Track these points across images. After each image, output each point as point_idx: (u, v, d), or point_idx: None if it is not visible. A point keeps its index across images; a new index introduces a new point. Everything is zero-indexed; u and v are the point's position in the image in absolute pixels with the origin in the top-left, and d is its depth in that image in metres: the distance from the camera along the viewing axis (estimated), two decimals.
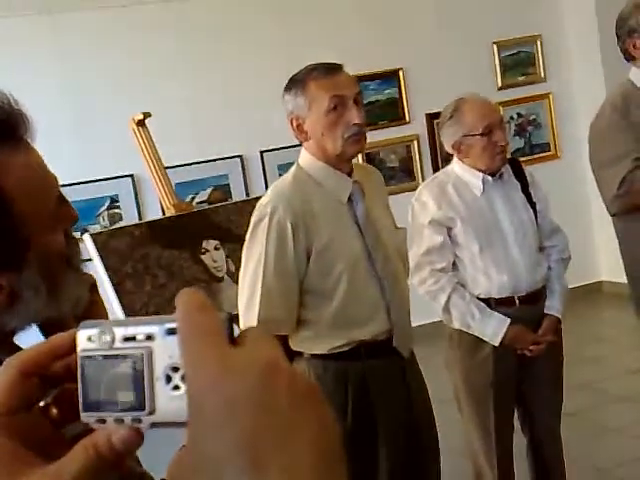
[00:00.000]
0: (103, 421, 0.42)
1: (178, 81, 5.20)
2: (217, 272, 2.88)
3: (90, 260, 2.67)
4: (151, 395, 0.41)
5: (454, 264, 2.59)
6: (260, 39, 5.34)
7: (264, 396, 0.37)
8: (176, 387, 0.40)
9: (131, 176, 5.13)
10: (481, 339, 2.52)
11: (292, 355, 2.08)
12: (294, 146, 5.13)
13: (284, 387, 0.37)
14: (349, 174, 2.07)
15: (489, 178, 2.57)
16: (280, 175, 5.24)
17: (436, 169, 5.73)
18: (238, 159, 5.35)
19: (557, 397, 2.70)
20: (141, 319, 0.43)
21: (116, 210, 5.17)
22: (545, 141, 6.08)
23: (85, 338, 0.43)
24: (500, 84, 5.90)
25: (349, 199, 2.06)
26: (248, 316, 1.99)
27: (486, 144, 2.51)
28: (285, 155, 5.27)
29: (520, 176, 2.66)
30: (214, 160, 5.26)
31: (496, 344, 2.50)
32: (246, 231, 1.97)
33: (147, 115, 2.88)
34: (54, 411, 0.45)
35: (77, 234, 5.03)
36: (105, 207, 5.15)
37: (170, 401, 0.40)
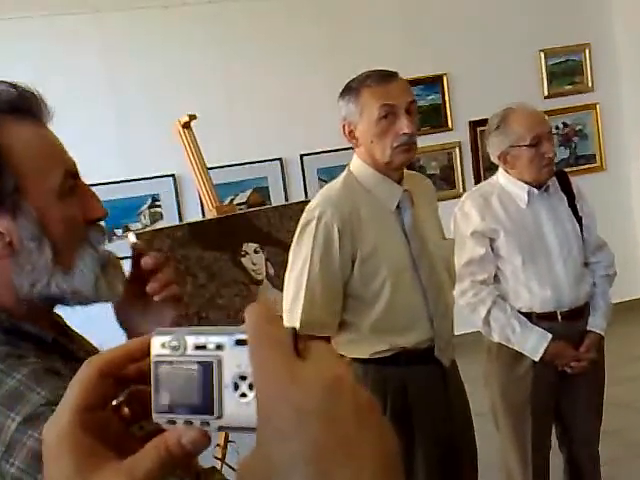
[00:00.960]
0: (173, 422, 0.44)
1: (221, 82, 5.23)
2: (256, 275, 2.89)
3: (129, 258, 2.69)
4: (219, 401, 0.44)
5: (495, 276, 2.55)
6: (304, 42, 5.34)
7: (332, 409, 0.39)
8: (243, 395, 0.43)
9: (172, 176, 5.19)
10: (520, 353, 2.48)
11: None
12: (334, 150, 5.19)
13: (350, 401, 0.40)
14: (399, 182, 2.07)
15: (535, 190, 2.53)
16: (320, 179, 5.31)
17: (478, 178, 5.66)
18: (278, 162, 5.36)
19: (597, 416, 2.64)
20: (211, 329, 0.46)
21: (157, 209, 5.23)
22: (591, 152, 5.96)
23: (159, 344, 0.46)
24: (547, 93, 5.80)
25: (397, 207, 2.05)
26: (291, 317, 2.01)
27: (533, 155, 2.47)
28: (325, 159, 5.28)
29: (567, 189, 2.61)
30: (254, 162, 5.28)
31: (536, 359, 2.46)
32: (287, 235, 1.98)
33: (193, 117, 2.91)
34: (125, 410, 0.48)
35: (119, 231, 5.11)
36: (147, 206, 5.21)
37: (237, 407, 0.43)
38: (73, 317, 1.05)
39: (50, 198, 0.90)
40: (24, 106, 0.91)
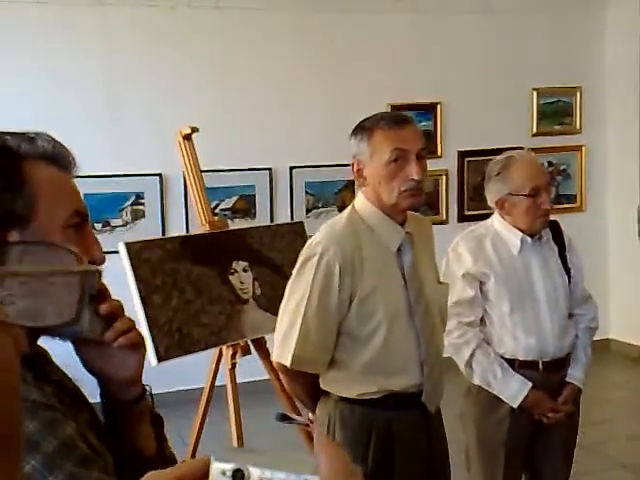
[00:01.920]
0: None
1: (214, 87, 5.20)
2: (243, 294, 2.89)
3: (116, 252, 2.67)
4: None
5: (482, 319, 2.58)
6: (302, 59, 5.35)
7: None
8: None
9: (159, 175, 5.14)
10: (500, 398, 2.51)
11: (321, 394, 2.09)
12: (323, 166, 5.20)
13: None
14: (402, 224, 2.08)
15: (528, 238, 2.57)
16: (307, 192, 5.32)
17: (461, 206, 5.74)
18: (267, 172, 5.35)
19: (567, 463, 2.69)
20: (278, 461, 0.44)
21: (140, 207, 5.17)
22: (572, 192, 6.08)
23: (219, 471, 0.44)
24: (535, 130, 5.91)
25: (398, 249, 2.06)
26: (283, 350, 2.00)
27: (530, 205, 2.51)
28: (313, 173, 5.29)
29: (559, 240, 2.66)
30: (244, 170, 5.26)
31: (514, 406, 2.50)
32: (277, 255, 1.98)
33: (194, 130, 2.89)
34: None
35: (98, 225, 5.04)
36: (130, 202, 5.15)
37: None
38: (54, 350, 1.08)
39: (55, 226, 1.01)
40: (55, 157, 1.06)
